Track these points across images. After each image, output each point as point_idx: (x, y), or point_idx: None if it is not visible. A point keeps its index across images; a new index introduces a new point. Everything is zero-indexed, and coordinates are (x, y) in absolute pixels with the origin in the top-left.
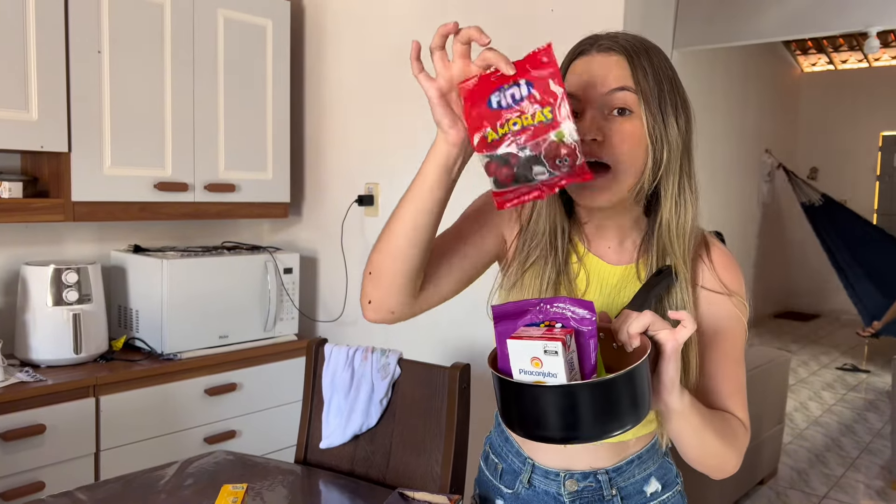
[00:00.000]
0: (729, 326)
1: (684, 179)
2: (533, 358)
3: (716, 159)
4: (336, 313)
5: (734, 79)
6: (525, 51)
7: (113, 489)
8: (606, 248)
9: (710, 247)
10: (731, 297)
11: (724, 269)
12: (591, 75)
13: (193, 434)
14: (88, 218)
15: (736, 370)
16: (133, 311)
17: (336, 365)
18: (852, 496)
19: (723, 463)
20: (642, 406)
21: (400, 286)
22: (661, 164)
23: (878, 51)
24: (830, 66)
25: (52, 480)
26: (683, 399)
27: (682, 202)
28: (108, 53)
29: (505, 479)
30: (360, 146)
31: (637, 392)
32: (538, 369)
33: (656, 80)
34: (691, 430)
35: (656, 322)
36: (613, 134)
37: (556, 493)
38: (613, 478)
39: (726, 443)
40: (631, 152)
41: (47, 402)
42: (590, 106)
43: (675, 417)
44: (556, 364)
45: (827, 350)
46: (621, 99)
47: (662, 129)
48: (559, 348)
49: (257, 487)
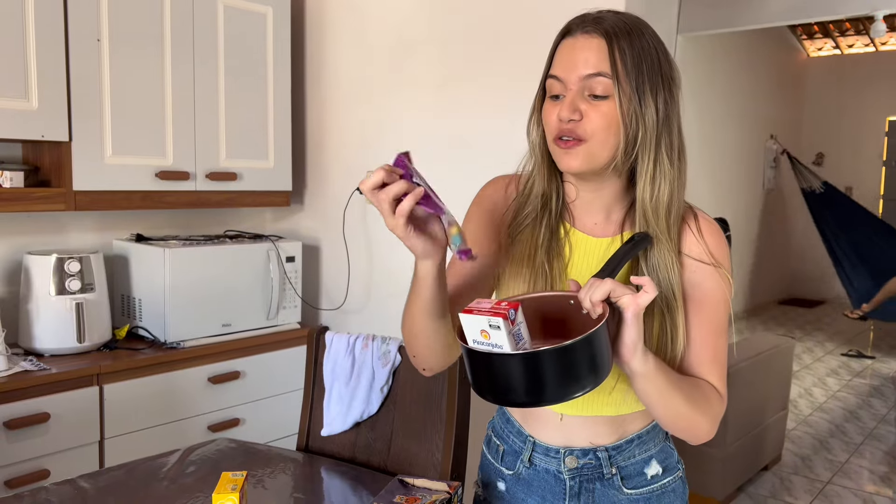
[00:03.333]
0: (711, 295)
1: (662, 156)
2: (481, 330)
3: (721, 145)
4: (338, 301)
5: (739, 64)
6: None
7: (115, 477)
8: (593, 225)
9: (698, 218)
10: (717, 268)
11: (710, 238)
12: (572, 58)
13: (197, 422)
14: (90, 207)
15: (715, 340)
16: (136, 299)
17: (337, 353)
18: (856, 482)
19: (693, 426)
20: (601, 369)
21: (442, 354)
22: (636, 143)
23: (885, 35)
24: (837, 50)
25: (57, 468)
26: (647, 362)
27: (660, 177)
28: (107, 42)
29: (506, 461)
30: (362, 134)
31: (595, 356)
32: (487, 341)
33: (635, 62)
34: (657, 392)
35: (617, 289)
36: (589, 113)
37: (557, 470)
38: (613, 455)
39: (695, 407)
40: (603, 130)
41: (51, 391)
42: (570, 88)
43: (639, 380)
44: (501, 337)
45: (831, 336)
46: (597, 83)
47: (638, 109)
48: (501, 323)
49: (259, 475)
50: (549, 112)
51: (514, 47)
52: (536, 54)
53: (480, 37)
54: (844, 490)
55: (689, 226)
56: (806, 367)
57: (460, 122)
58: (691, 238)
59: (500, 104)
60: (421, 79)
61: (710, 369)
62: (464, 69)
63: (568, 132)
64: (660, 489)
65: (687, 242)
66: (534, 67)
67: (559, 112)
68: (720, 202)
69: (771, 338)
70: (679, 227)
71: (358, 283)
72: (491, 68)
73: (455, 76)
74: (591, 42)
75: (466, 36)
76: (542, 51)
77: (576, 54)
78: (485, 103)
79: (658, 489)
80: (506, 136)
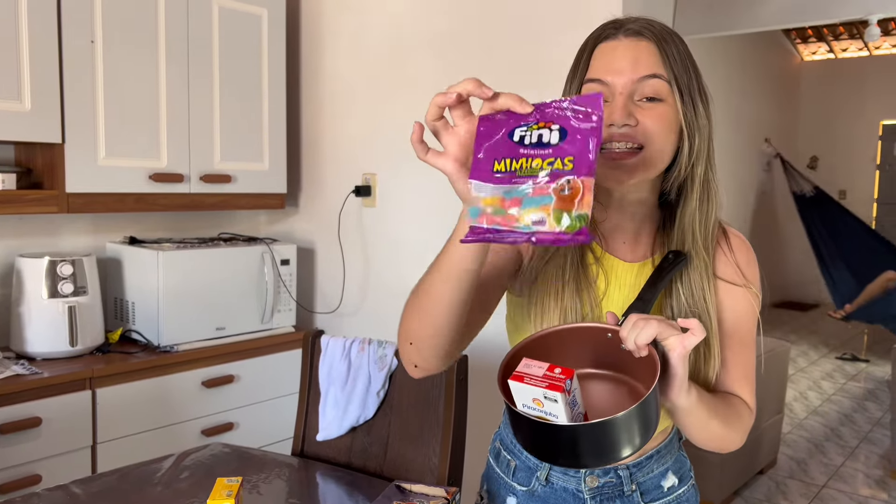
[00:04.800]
0: (743, 316)
1: (709, 168)
2: (534, 398)
3: (715, 148)
4: (334, 304)
5: (734, 67)
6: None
7: (108, 482)
8: (622, 244)
9: (729, 235)
10: (749, 288)
11: (742, 257)
12: (619, 61)
13: (190, 426)
14: (83, 209)
15: (747, 356)
16: (129, 303)
17: (333, 357)
18: (851, 485)
19: (726, 443)
20: (652, 426)
21: (445, 353)
22: (695, 151)
23: (879, 39)
24: (830, 54)
25: (49, 473)
26: (690, 397)
27: (710, 190)
28: (101, 43)
29: (518, 477)
30: (357, 136)
31: (648, 416)
32: (540, 408)
33: (685, 67)
34: (697, 422)
35: (664, 330)
36: (646, 118)
37: (576, 489)
38: (634, 473)
39: (730, 426)
40: (664, 135)
41: (43, 395)
42: (619, 92)
43: (682, 413)
44: (558, 409)
45: (826, 340)
46: (652, 87)
47: (693, 115)
48: (559, 397)
49: (254, 480)
50: None
51: (512, 49)
52: (535, 56)
53: (477, 38)
54: (840, 494)
55: (720, 245)
56: (801, 370)
57: None
58: (723, 258)
59: None
60: (417, 80)
61: (741, 386)
62: (460, 71)
63: (622, 138)
64: (675, 500)
65: (720, 264)
66: (533, 69)
67: (611, 117)
68: None
69: (766, 341)
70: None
71: (353, 286)
72: (488, 70)
73: (451, 77)
74: (640, 44)
75: (463, 38)
76: (541, 52)
77: (623, 58)
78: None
79: (674, 500)
80: None
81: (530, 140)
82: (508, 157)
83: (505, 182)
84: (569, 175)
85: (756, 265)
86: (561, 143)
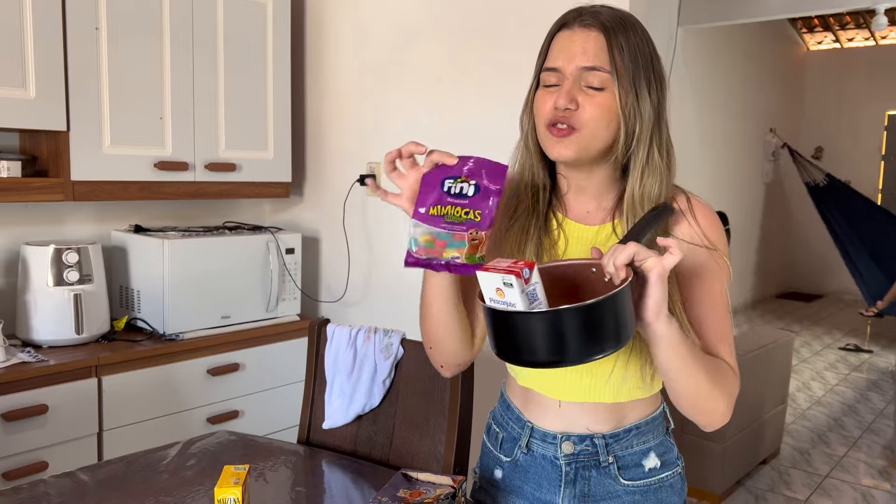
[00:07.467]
0: (709, 274)
1: (654, 150)
2: (497, 288)
3: (720, 138)
4: (338, 293)
5: (739, 57)
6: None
7: (115, 469)
8: (585, 213)
9: (691, 202)
10: (713, 251)
11: (705, 222)
12: (570, 50)
13: (196, 414)
14: (88, 197)
15: (722, 319)
16: (134, 291)
17: (339, 345)
18: (854, 475)
19: (714, 406)
20: (624, 331)
21: (459, 350)
22: (634, 136)
23: (886, 28)
24: (836, 44)
25: (56, 460)
26: (671, 326)
27: (651, 171)
28: (105, 30)
29: (504, 448)
30: (362, 125)
31: (618, 317)
32: (501, 299)
33: (632, 57)
34: (679, 360)
35: (641, 251)
36: (587, 104)
37: (553, 456)
38: (610, 444)
39: (716, 384)
40: (600, 121)
41: (49, 383)
42: (567, 78)
43: (663, 345)
44: (514, 295)
45: (830, 330)
46: (595, 76)
47: (635, 103)
48: (514, 281)
49: (260, 468)
50: (544, 100)
51: (515, 39)
52: (537, 46)
53: (481, 28)
54: (843, 484)
55: (683, 213)
56: (804, 361)
57: (460, 112)
58: (685, 224)
59: (500, 95)
60: (421, 69)
61: (722, 348)
62: (464, 60)
63: (562, 120)
64: (657, 483)
65: (683, 228)
66: (534, 59)
67: (555, 100)
68: (720, 196)
69: (770, 331)
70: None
71: (358, 275)
72: (491, 59)
73: (455, 67)
74: (590, 35)
75: (467, 27)
76: (541, 42)
77: (574, 46)
78: (485, 94)
79: (655, 483)
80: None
81: (455, 191)
82: (439, 204)
83: (436, 224)
84: (477, 227)
85: (721, 231)
86: (475, 196)
